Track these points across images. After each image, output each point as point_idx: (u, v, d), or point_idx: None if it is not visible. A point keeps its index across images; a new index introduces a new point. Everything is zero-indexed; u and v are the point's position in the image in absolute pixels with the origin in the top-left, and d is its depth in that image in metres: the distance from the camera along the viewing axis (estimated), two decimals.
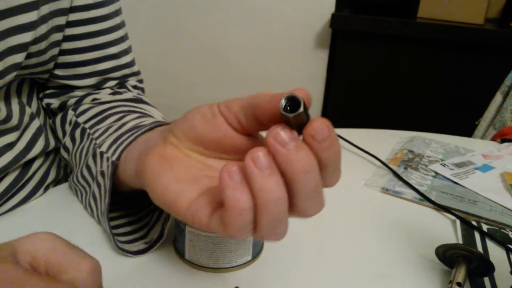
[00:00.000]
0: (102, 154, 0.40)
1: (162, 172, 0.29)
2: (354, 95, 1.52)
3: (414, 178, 0.57)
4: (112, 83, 0.51)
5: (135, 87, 0.53)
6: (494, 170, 0.60)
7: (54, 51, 0.45)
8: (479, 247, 0.43)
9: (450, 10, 1.36)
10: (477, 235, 0.45)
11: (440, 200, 0.52)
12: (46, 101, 0.51)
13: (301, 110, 0.23)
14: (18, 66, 0.40)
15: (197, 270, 0.38)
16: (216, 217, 0.26)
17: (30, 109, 0.47)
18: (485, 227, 0.47)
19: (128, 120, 0.44)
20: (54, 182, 0.51)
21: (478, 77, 1.39)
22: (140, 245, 0.39)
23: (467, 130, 1.10)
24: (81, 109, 0.48)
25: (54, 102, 0.50)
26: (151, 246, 0.39)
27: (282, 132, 0.23)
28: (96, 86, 0.50)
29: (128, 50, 0.52)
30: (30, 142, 0.46)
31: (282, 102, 0.24)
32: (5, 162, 0.43)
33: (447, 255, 0.39)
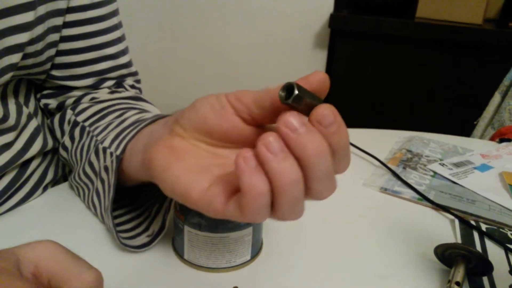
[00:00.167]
0: (105, 149, 0.40)
1: (172, 164, 0.29)
2: (352, 95, 1.52)
3: (412, 177, 0.57)
4: (109, 83, 0.51)
5: (133, 87, 0.53)
6: (492, 169, 0.60)
7: (51, 52, 0.45)
8: (478, 247, 0.43)
9: (449, 10, 1.36)
10: (475, 235, 0.45)
11: (438, 199, 0.52)
12: (44, 101, 0.51)
13: (296, 93, 0.23)
14: (14, 67, 0.40)
15: (196, 270, 0.38)
16: (232, 203, 0.26)
17: (28, 109, 0.47)
18: (483, 227, 0.47)
19: (128, 116, 0.44)
20: (52, 182, 0.51)
21: (477, 77, 1.39)
22: (143, 239, 0.40)
23: (466, 130, 1.10)
24: (80, 108, 0.48)
25: (52, 103, 0.50)
26: (154, 238, 0.39)
27: (292, 118, 0.24)
28: (93, 87, 0.50)
29: (125, 51, 0.52)
30: (28, 142, 0.46)
31: (281, 93, 0.24)
32: (2, 162, 0.43)
33: (446, 255, 0.39)
